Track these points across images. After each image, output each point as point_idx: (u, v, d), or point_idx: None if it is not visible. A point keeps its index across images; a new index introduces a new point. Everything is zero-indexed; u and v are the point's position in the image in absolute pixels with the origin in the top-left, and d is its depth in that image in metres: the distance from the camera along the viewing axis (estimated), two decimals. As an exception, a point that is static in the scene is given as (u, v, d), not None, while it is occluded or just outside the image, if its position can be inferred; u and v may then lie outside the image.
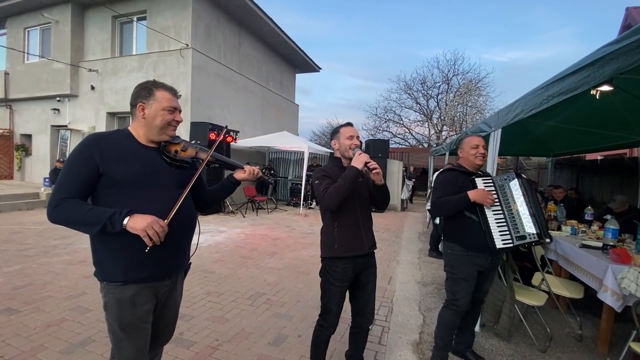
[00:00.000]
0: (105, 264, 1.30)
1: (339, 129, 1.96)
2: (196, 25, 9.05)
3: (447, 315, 2.23)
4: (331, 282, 1.86)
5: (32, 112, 11.17)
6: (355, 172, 1.73)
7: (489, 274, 2.28)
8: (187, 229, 1.45)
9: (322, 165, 10.88)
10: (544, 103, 1.80)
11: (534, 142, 5.91)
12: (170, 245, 1.31)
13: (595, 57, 1.31)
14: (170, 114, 1.37)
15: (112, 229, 1.17)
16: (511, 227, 2.08)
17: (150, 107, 1.34)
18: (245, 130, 10.92)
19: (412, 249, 5.65)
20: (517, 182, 2.18)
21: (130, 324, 1.30)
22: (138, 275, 1.30)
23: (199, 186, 1.57)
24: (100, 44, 10.03)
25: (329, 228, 1.89)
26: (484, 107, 19.76)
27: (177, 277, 1.49)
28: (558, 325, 2.94)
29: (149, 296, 1.34)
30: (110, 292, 1.29)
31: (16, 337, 2.42)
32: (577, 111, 3.68)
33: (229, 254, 4.90)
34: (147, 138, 1.38)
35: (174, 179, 1.40)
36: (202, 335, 2.57)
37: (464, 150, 2.27)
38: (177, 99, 1.43)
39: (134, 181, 1.29)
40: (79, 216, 1.19)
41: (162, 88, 1.37)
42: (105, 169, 1.25)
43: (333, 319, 1.88)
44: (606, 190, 6.39)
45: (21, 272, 3.78)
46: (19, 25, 11.00)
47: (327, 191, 1.75)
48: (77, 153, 1.27)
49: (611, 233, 2.80)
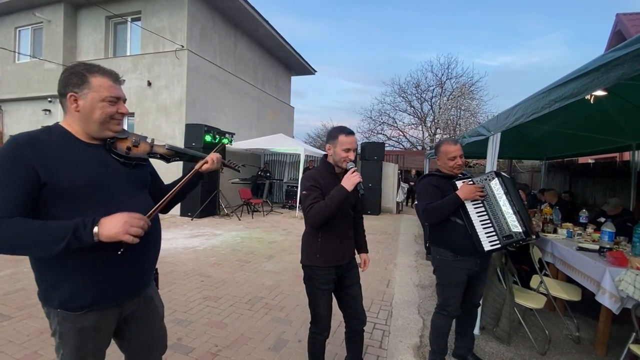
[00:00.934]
0: (62, 290, 1.07)
1: (337, 135, 1.80)
2: (192, 27, 9.00)
3: (440, 320, 2.23)
4: (317, 286, 1.84)
5: (23, 113, 10.97)
6: (344, 194, 1.66)
7: (480, 278, 2.27)
8: (155, 242, 1.29)
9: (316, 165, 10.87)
10: (546, 108, 1.82)
11: (528, 145, 5.99)
12: (139, 259, 1.18)
13: (600, 62, 1.33)
14: (112, 106, 1.13)
15: (80, 243, 0.97)
16: (497, 227, 2.06)
17: (85, 97, 1.09)
18: (241, 132, 10.87)
19: (409, 252, 5.66)
20: (497, 180, 2.14)
21: (92, 351, 1.14)
22: (109, 297, 1.13)
23: (158, 183, 1.42)
24: (94, 45, 9.91)
25: (311, 236, 1.85)
26: (477, 110, 19.99)
27: (149, 290, 1.32)
28: (556, 328, 2.97)
29: (114, 319, 1.19)
30: (68, 321, 1.09)
31: (9, 344, 2.35)
32: (571, 115, 3.74)
33: (226, 258, 4.85)
34: (86, 134, 1.14)
35: (132, 181, 1.20)
36: (201, 341, 2.53)
37: (441, 160, 2.24)
38: (119, 85, 1.17)
39: (87, 188, 1.06)
40: (28, 237, 0.94)
41: (98, 73, 1.11)
42: (48, 177, 1.00)
43: (325, 323, 1.87)
44: (599, 193, 6.50)
45: (12, 276, 3.68)
46: (10, 25, 10.82)
47: (313, 207, 1.69)
48: (6, 160, 0.99)
49: (608, 236, 2.84)
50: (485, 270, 2.31)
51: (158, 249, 1.33)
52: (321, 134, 27.56)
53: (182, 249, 5.21)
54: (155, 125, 8.95)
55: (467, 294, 2.26)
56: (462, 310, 2.36)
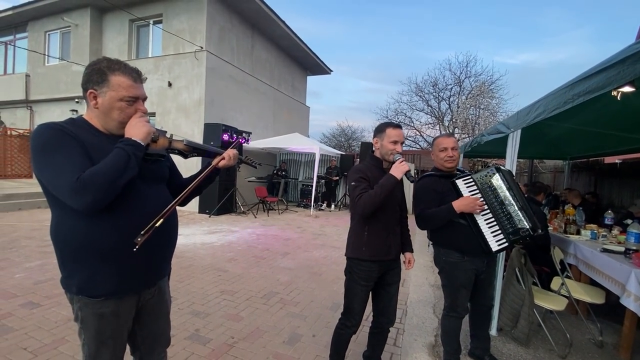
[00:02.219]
0: (79, 277, 1.11)
1: (384, 128, 1.86)
2: (211, 28, 9.19)
3: (450, 322, 2.20)
4: (356, 280, 1.84)
5: (52, 113, 11.49)
6: (393, 182, 1.70)
7: (488, 277, 2.22)
8: (173, 235, 1.34)
9: (338, 166, 10.91)
10: (569, 102, 1.76)
11: (549, 144, 5.79)
12: (158, 253, 1.23)
13: (626, 54, 1.28)
14: (131, 106, 1.14)
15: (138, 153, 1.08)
16: (502, 225, 2.00)
17: (104, 95, 1.10)
18: (257, 131, 11.01)
19: (424, 252, 5.59)
20: (499, 176, 2.08)
21: (112, 336, 1.18)
22: (127, 286, 1.18)
23: (176, 177, 1.44)
24: (118, 47, 10.27)
25: (358, 230, 1.87)
26: (496, 109, 19.46)
27: (163, 282, 1.38)
28: (578, 331, 2.87)
29: (132, 306, 1.23)
30: (89, 307, 1.13)
31: (38, 330, 2.49)
32: (596, 113, 3.59)
33: (242, 254, 4.93)
34: (105, 129, 1.17)
35: (150, 175, 1.23)
36: (217, 333, 2.59)
37: (434, 153, 2.20)
38: (140, 84, 1.17)
39: None
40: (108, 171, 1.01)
41: (119, 71, 1.11)
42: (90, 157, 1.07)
43: (357, 318, 1.87)
44: (626, 195, 6.21)
45: (42, 267, 3.88)
46: (40, 29, 11.36)
47: (361, 197, 1.71)
48: (53, 138, 1.03)
49: (634, 237, 2.73)
50: (493, 269, 2.27)
51: (175, 241, 1.37)
52: (336, 134, 27.50)
53: (200, 245, 5.34)
54: (176, 124, 9.19)
55: (476, 295, 2.22)
56: (474, 313, 2.33)
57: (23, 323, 2.58)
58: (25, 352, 2.20)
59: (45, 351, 2.23)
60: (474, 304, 2.30)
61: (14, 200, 7.84)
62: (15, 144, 11.61)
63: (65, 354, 2.20)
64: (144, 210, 1.15)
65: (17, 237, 5.19)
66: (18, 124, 12.06)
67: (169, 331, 1.47)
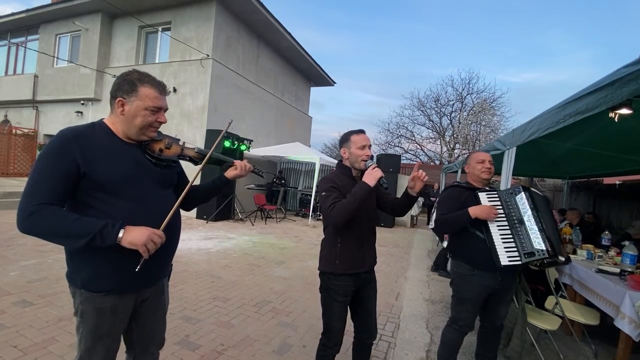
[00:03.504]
0: (85, 272, 1.17)
1: (349, 136, 1.82)
2: (217, 37, 9.37)
3: (449, 334, 2.18)
4: (333, 297, 1.78)
5: (57, 114, 11.64)
6: (366, 189, 1.61)
7: (503, 297, 2.16)
8: (176, 236, 1.36)
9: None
10: (560, 122, 1.80)
11: (549, 163, 5.82)
12: (160, 253, 1.23)
13: (615, 77, 1.32)
14: (153, 115, 1.22)
15: (102, 243, 1.05)
16: (519, 243, 1.96)
17: (132, 104, 1.19)
18: (259, 139, 11.10)
19: (420, 266, 5.57)
20: (524, 195, 2.07)
21: (108, 332, 1.23)
22: (126, 285, 1.22)
23: (183, 183, 1.46)
24: (126, 52, 10.47)
25: (330, 242, 1.81)
26: (498, 126, 19.59)
27: (162, 282, 1.40)
28: (572, 352, 2.84)
29: (130, 303, 1.27)
30: (89, 301, 1.18)
31: (29, 329, 2.48)
32: (595, 134, 3.63)
33: (237, 261, 4.92)
34: (125, 135, 1.24)
35: (160, 180, 1.29)
36: (207, 339, 2.57)
37: (470, 166, 2.24)
38: (164, 96, 1.27)
39: (119, 183, 1.16)
40: (62, 227, 1.04)
41: (148, 84, 1.21)
42: (87, 169, 1.10)
43: (338, 337, 1.80)
44: (624, 216, 6.20)
45: (37, 266, 3.88)
46: (51, 32, 11.60)
47: (334, 206, 1.63)
48: (53, 151, 1.10)
49: (629, 259, 2.72)
50: (508, 289, 2.18)
51: (176, 243, 1.40)
52: (337, 145, 27.62)
53: (196, 250, 5.33)
54: (178, 129, 9.28)
55: (487, 313, 2.20)
56: (482, 330, 2.30)
57: (15, 321, 2.57)
58: (15, 350, 2.19)
59: (34, 350, 2.22)
60: (482, 321, 2.27)
61: (14, 199, 7.86)
62: (19, 143, 11.73)
63: (55, 354, 2.19)
64: (149, 213, 1.21)
65: (14, 236, 5.20)
66: (24, 124, 12.20)
67: (164, 332, 1.48)
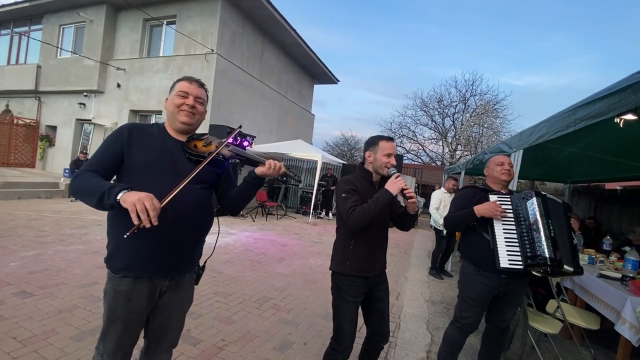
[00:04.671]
0: (111, 249, 1.30)
1: (377, 141, 1.82)
2: (222, 32, 9.34)
3: (451, 332, 2.19)
4: (344, 297, 1.76)
5: (59, 105, 11.61)
6: (389, 197, 1.64)
7: (509, 300, 2.15)
8: (190, 227, 1.33)
9: (335, 175, 10.94)
10: (571, 126, 1.79)
11: (552, 167, 5.81)
12: (168, 240, 1.26)
13: (628, 82, 1.31)
14: (181, 98, 1.37)
15: (108, 200, 1.12)
16: (522, 248, 1.95)
17: (170, 96, 1.41)
18: (261, 136, 11.08)
19: (421, 267, 5.57)
20: (535, 200, 2.04)
21: (121, 318, 1.27)
22: (137, 267, 1.27)
23: (227, 185, 1.52)
24: (130, 45, 10.43)
25: (344, 243, 1.79)
26: (500, 129, 19.56)
27: (182, 280, 1.40)
28: (571, 356, 2.84)
29: (144, 292, 1.29)
30: (111, 281, 1.29)
31: (29, 320, 2.48)
32: (599, 139, 3.61)
33: (238, 257, 4.92)
34: (172, 129, 1.41)
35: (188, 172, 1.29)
36: (208, 334, 2.58)
37: (490, 169, 2.24)
38: (195, 86, 1.41)
39: (147, 168, 1.29)
40: (86, 185, 1.19)
41: (182, 80, 1.42)
42: (127, 154, 1.29)
43: (348, 341, 1.76)
44: (625, 222, 6.21)
45: (37, 257, 3.87)
46: (55, 22, 11.56)
47: (354, 210, 1.63)
48: (111, 135, 1.34)
49: (631, 264, 2.73)
50: (516, 292, 2.16)
51: (195, 238, 1.38)
52: (339, 143, 27.60)
53: (197, 245, 5.32)
54: (180, 124, 9.26)
55: (492, 314, 2.21)
56: (486, 331, 2.30)
57: (14, 312, 2.57)
58: (14, 342, 2.18)
59: (34, 342, 2.21)
60: (487, 322, 2.28)
61: (14, 189, 7.86)
62: (21, 133, 11.71)
63: (55, 346, 2.19)
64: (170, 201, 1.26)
65: (15, 226, 5.20)
66: (25, 114, 12.18)
67: (179, 331, 1.48)
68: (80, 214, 6.77)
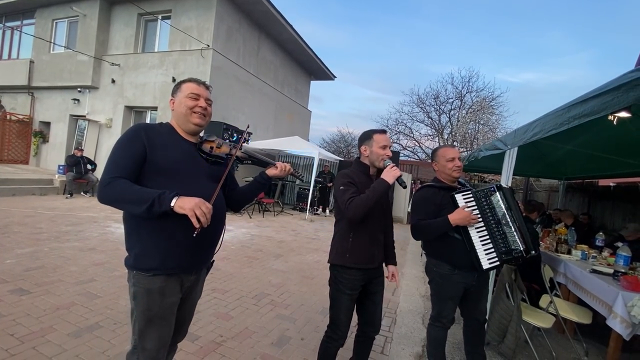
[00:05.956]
0: (139, 250, 1.30)
1: (372, 135, 1.87)
2: (218, 28, 9.26)
3: (435, 332, 2.21)
4: (341, 290, 1.81)
5: (53, 101, 11.46)
6: (386, 186, 1.69)
7: (481, 292, 2.22)
8: (219, 223, 1.45)
9: (332, 171, 10.95)
10: (565, 124, 1.81)
11: (547, 164, 5.87)
12: (203, 237, 1.31)
13: (621, 81, 1.33)
14: (193, 100, 1.40)
15: (159, 208, 1.17)
16: (496, 244, 2.00)
17: (177, 97, 1.43)
18: (258, 132, 11.05)
19: (417, 262, 5.62)
20: (499, 194, 2.06)
21: (158, 315, 1.31)
22: (170, 264, 1.30)
23: (232, 183, 1.61)
24: (124, 40, 10.30)
25: (343, 236, 1.84)
26: (496, 125, 19.63)
27: (201, 273, 1.49)
28: (564, 350, 2.90)
29: (176, 288, 1.35)
30: (140, 282, 1.30)
31: (26, 317, 2.48)
32: (594, 136, 3.66)
33: (235, 253, 4.93)
34: (182, 130, 1.44)
35: (209, 173, 1.44)
36: (206, 330, 2.59)
37: (439, 163, 2.18)
38: (203, 88, 1.46)
39: (173, 169, 1.32)
40: (128, 194, 1.20)
41: (188, 81, 1.45)
42: (150, 154, 1.30)
43: (343, 330, 1.83)
44: (618, 218, 6.29)
45: (33, 254, 3.86)
46: (48, 17, 11.37)
47: (352, 201, 1.68)
48: (127, 136, 1.32)
49: (623, 260, 2.77)
50: (485, 283, 2.26)
51: (219, 235, 1.49)
52: (336, 140, 27.56)
53: (194, 242, 5.32)
54: (176, 120, 9.20)
55: (468, 308, 2.24)
56: (467, 327, 2.33)
57: (11, 309, 2.57)
58: (12, 339, 2.19)
59: (32, 339, 2.22)
60: (466, 318, 2.30)
61: (8, 186, 7.78)
62: (14, 129, 11.56)
63: (53, 343, 2.20)
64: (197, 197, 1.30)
65: (10, 223, 5.16)
66: (18, 110, 12.01)
67: (189, 322, 1.57)
68: (75, 211, 6.73)
